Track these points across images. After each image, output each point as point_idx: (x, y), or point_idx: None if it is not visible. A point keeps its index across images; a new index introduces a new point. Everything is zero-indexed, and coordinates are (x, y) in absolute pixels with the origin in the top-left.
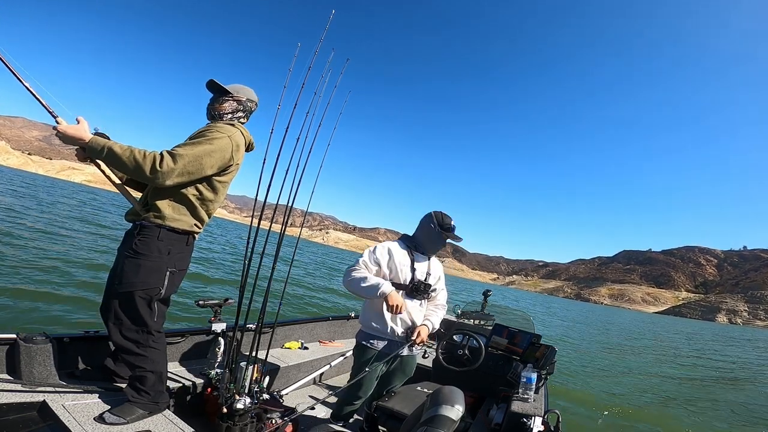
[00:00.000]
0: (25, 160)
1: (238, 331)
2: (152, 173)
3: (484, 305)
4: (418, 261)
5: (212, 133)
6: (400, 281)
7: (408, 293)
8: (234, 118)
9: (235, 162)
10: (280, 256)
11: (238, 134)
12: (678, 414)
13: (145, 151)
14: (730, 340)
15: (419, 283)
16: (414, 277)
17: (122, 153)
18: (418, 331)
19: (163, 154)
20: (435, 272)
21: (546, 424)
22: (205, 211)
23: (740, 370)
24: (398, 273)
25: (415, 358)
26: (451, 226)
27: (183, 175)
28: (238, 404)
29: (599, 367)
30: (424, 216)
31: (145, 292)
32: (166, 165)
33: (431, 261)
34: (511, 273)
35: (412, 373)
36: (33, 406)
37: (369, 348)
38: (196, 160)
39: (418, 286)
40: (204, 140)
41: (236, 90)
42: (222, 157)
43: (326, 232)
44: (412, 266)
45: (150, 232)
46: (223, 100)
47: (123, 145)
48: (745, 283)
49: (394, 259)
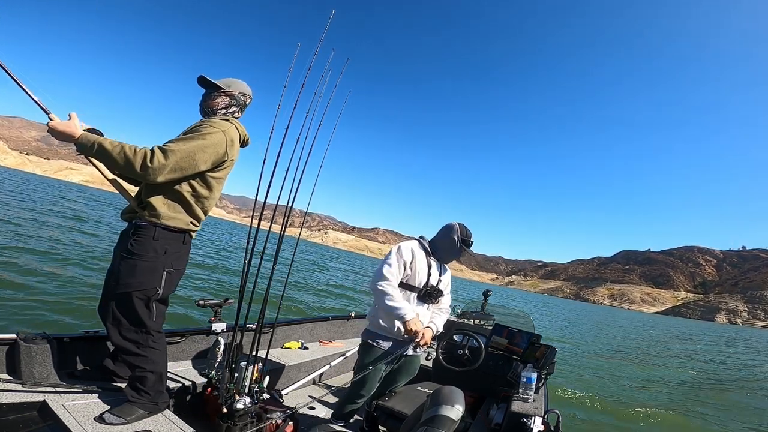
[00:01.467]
0: (22, 160)
1: (238, 331)
2: (143, 169)
3: (484, 305)
4: (434, 266)
5: (205, 128)
6: (416, 284)
7: (419, 297)
8: (228, 113)
9: (229, 157)
10: (280, 257)
11: (232, 129)
12: (679, 415)
13: (136, 147)
14: (735, 342)
15: (432, 288)
16: (428, 282)
17: (112, 149)
18: (423, 332)
19: (154, 150)
20: (446, 278)
21: (546, 424)
22: (201, 208)
23: (742, 371)
24: (416, 276)
25: (419, 358)
26: (470, 241)
27: (175, 171)
28: (238, 404)
29: (599, 368)
30: (447, 226)
31: (143, 293)
32: (157, 161)
33: (444, 268)
34: (510, 273)
35: (415, 372)
36: (33, 406)
37: (375, 347)
38: (188, 155)
39: (431, 291)
40: (197, 135)
41: (227, 84)
42: (216, 153)
43: (325, 233)
44: (429, 271)
45: (145, 232)
46: (215, 96)
47: (114, 141)
48: (745, 283)
49: (416, 262)
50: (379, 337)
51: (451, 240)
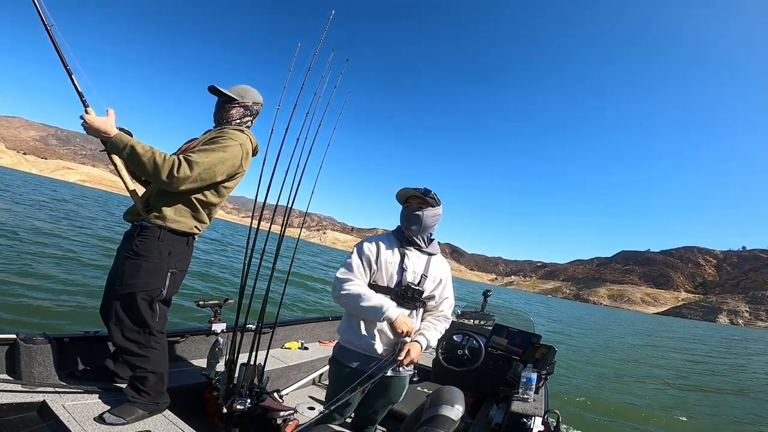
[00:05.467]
0: (18, 160)
1: (238, 332)
2: (168, 178)
3: (484, 305)
4: (410, 258)
5: (225, 140)
6: (384, 283)
7: (393, 300)
8: (242, 123)
9: (243, 169)
10: (279, 257)
11: (248, 142)
12: (679, 416)
13: (166, 155)
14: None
15: (407, 287)
16: (402, 279)
17: (144, 153)
18: (408, 348)
19: (181, 161)
20: (435, 274)
21: (546, 424)
22: (207, 213)
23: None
24: (384, 272)
25: (404, 381)
26: (411, 194)
27: (196, 182)
28: (238, 404)
29: (600, 368)
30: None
31: (147, 293)
32: (183, 172)
33: (432, 260)
34: (510, 273)
35: (398, 399)
36: (33, 406)
37: (342, 364)
38: (210, 168)
39: (405, 292)
40: (218, 148)
41: (241, 95)
42: (232, 165)
43: (323, 233)
44: (401, 264)
45: (150, 233)
46: (230, 107)
47: (145, 146)
48: (746, 283)
49: (382, 255)
50: (345, 352)
51: (401, 211)
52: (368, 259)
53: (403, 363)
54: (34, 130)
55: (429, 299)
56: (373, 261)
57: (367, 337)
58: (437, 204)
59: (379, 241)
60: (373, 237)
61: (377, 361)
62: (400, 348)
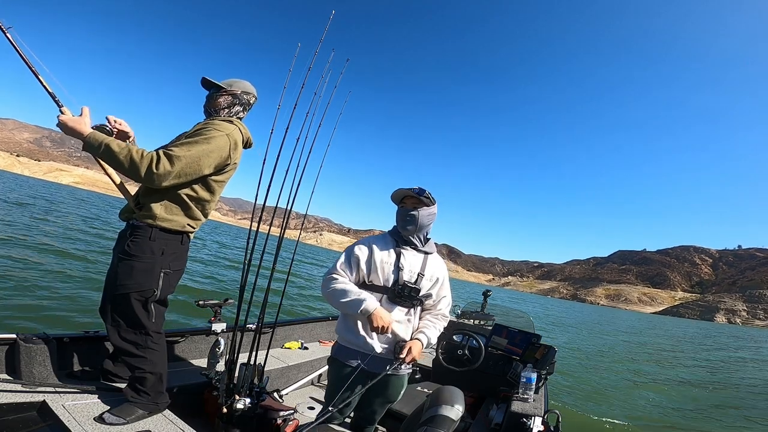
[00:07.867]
0: (11, 162)
1: (238, 331)
2: (147, 174)
3: (484, 305)
4: (406, 258)
5: (209, 131)
6: (380, 282)
7: (390, 298)
8: (231, 113)
9: (233, 161)
10: (279, 257)
11: (236, 132)
12: (680, 416)
13: (143, 152)
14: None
15: (404, 285)
16: (399, 278)
17: (119, 151)
18: (409, 347)
19: (160, 156)
20: (431, 273)
21: (546, 424)
22: (201, 210)
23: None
24: (378, 272)
25: (402, 380)
26: (406, 194)
27: (179, 177)
28: (238, 404)
29: (600, 368)
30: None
31: (140, 294)
32: (162, 167)
33: (428, 259)
34: (507, 274)
35: (397, 398)
36: (33, 406)
37: (342, 364)
38: (193, 161)
39: (402, 290)
40: (201, 139)
41: (229, 84)
42: (219, 156)
43: (320, 234)
44: (397, 264)
45: (142, 233)
46: (217, 96)
47: (121, 143)
48: (743, 282)
49: (375, 255)
50: (345, 352)
51: (397, 211)
52: (357, 259)
53: (405, 361)
54: (29, 132)
55: (426, 298)
56: (363, 262)
57: (364, 336)
58: (432, 203)
59: (373, 242)
60: (367, 238)
61: (376, 359)
62: (401, 346)
